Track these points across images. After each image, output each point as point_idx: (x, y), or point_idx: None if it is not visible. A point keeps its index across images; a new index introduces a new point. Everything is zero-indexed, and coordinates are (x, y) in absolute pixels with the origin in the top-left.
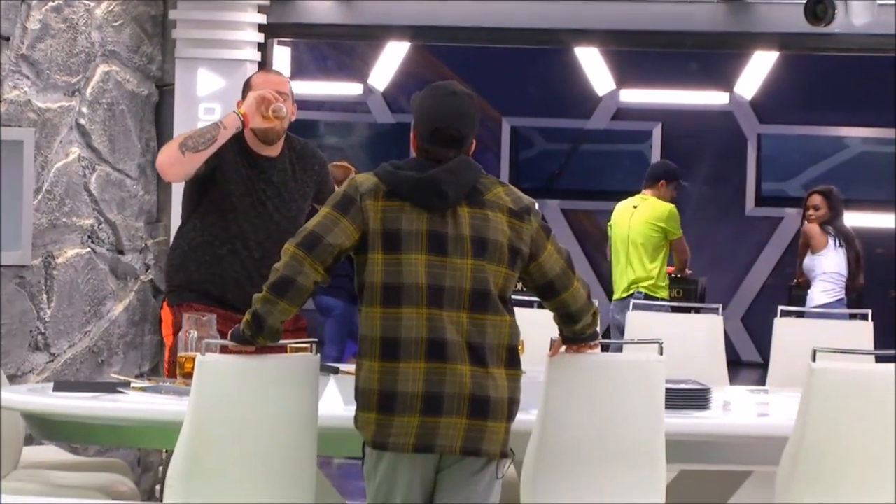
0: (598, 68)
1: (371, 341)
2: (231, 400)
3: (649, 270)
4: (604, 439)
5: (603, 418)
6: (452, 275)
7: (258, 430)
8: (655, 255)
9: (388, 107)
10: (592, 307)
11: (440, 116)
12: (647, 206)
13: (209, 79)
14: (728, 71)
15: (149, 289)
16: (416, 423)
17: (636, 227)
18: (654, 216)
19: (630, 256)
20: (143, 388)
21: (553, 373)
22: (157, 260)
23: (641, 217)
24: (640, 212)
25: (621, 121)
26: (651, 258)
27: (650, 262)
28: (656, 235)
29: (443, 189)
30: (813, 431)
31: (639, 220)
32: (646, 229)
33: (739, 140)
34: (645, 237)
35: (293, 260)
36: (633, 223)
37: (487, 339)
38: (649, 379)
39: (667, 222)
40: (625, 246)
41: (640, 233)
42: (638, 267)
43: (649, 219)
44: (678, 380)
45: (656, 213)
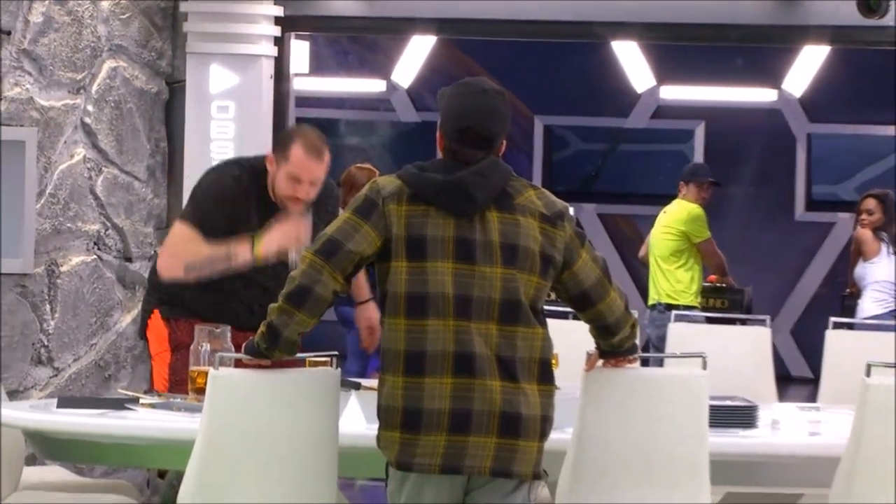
0: (637, 63)
1: (394, 355)
2: (246, 417)
3: (668, 277)
4: (643, 460)
5: (642, 437)
6: (481, 284)
7: (275, 450)
8: (675, 259)
9: (413, 104)
10: (631, 319)
11: (469, 115)
12: (673, 209)
13: (222, 75)
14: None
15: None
16: (443, 442)
17: (658, 235)
18: (673, 219)
19: (654, 268)
20: (152, 404)
21: (589, 388)
22: None
23: (664, 223)
24: (665, 217)
25: (662, 119)
26: (669, 262)
27: (668, 266)
28: (674, 240)
29: (471, 192)
30: (867, 451)
31: (661, 227)
32: (663, 234)
33: (788, 140)
34: (661, 243)
35: (311, 268)
36: (656, 230)
37: (518, 352)
38: (692, 395)
39: (687, 224)
40: (652, 254)
41: (660, 241)
42: (661, 277)
43: (668, 223)
44: (723, 396)
45: (676, 215)
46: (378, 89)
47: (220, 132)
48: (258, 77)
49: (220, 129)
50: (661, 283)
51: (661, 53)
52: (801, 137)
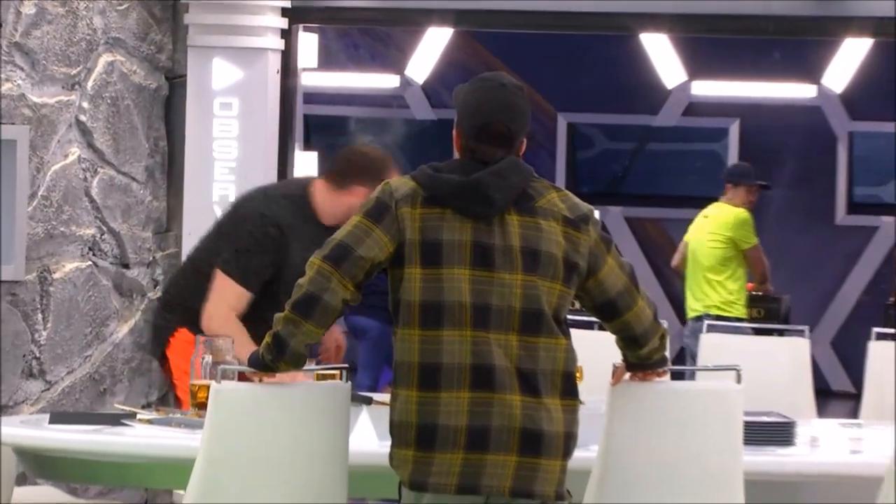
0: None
1: (408, 368)
2: (250, 433)
3: (717, 288)
4: (673, 479)
5: (672, 455)
6: (500, 292)
7: (281, 469)
8: (723, 269)
9: (429, 101)
10: (660, 329)
11: (487, 111)
12: (716, 213)
13: (226, 70)
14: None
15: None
16: (460, 460)
17: (702, 241)
18: (720, 225)
19: (697, 273)
20: (150, 420)
21: (616, 403)
22: (167, 275)
23: (708, 227)
24: (708, 222)
25: (694, 117)
26: (717, 272)
27: (716, 276)
28: (721, 247)
29: (489, 194)
30: None
31: (705, 232)
32: (709, 241)
33: (828, 139)
34: (708, 250)
35: (319, 275)
36: (700, 236)
37: (540, 364)
38: (726, 411)
39: (734, 230)
40: (694, 261)
41: (703, 245)
42: (705, 285)
43: (714, 228)
44: (759, 412)
45: (722, 220)
46: (391, 85)
47: (222, 130)
48: (264, 72)
49: (223, 128)
50: (710, 294)
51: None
52: (841, 136)
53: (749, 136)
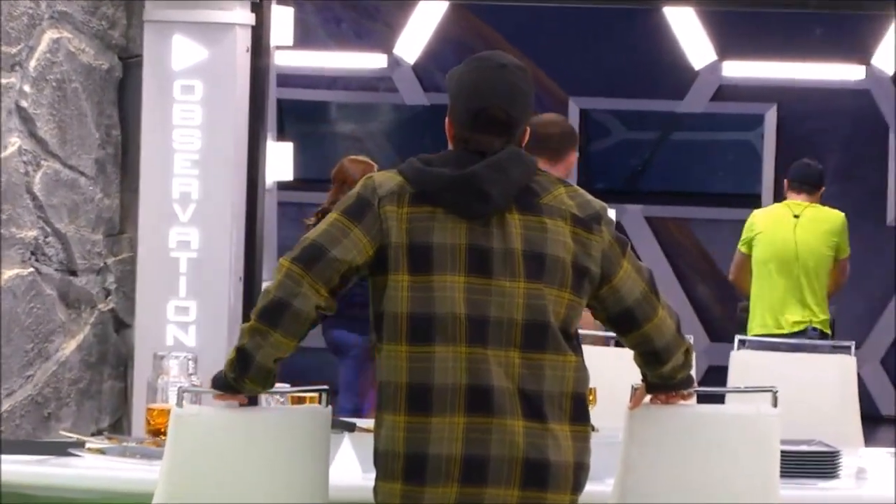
0: (694, 34)
1: (395, 389)
2: (216, 465)
3: (823, 304)
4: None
5: (699, 489)
6: (500, 302)
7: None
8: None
9: (421, 84)
10: (684, 343)
11: (483, 95)
12: (816, 215)
13: (188, 48)
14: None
15: (109, 321)
16: (454, 494)
17: (808, 244)
18: (829, 228)
19: (801, 282)
20: (101, 449)
21: (634, 430)
22: (120, 283)
23: (812, 230)
24: (807, 223)
25: (724, 102)
26: (823, 284)
27: (822, 289)
28: (831, 255)
29: (485, 189)
30: None
31: (810, 235)
32: (820, 247)
33: (878, 127)
34: (819, 257)
35: (288, 278)
36: (802, 238)
37: (546, 385)
38: (760, 438)
39: (841, 236)
40: (789, 268)
41: (813, 251)
42: (810, 296)
43: (824, 232)
44: (798, 440)
45: (829, 223)
46: (378, 65)
47: (184, 118)
48: (231, 51)
49: (185, 114)
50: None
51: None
52: (894, 124)
53: (788, 124)
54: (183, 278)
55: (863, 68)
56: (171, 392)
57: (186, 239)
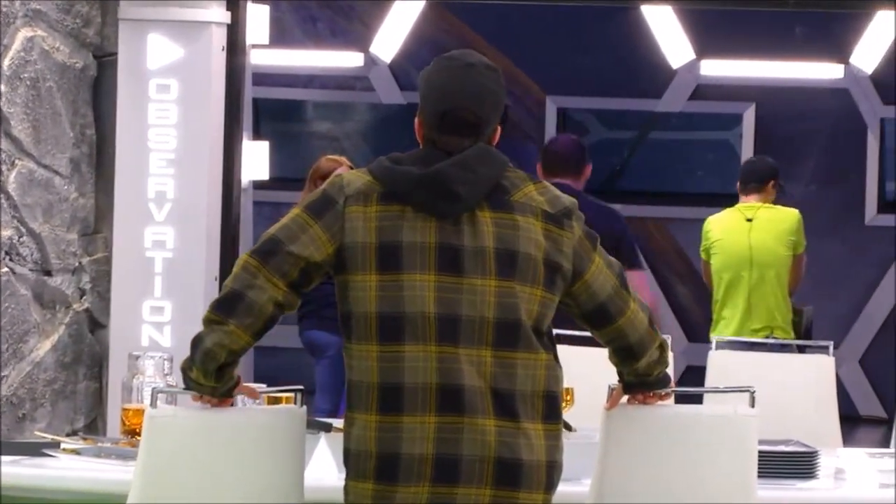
0: (672, 33)
1: (366, 389)
2: (191, 466)
3: (783, 306)
4: None
5: (677, 490)
6: (471, 300)
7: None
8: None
9: (397, 82)
10: (658, 337)
11: (450, 96)
12: (769, 215)
13: (163, 47)
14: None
15: (84, 321)
16: (426, 494)
17: (762, 246)
18: (784, 227)
19: (760, 287)
20: (76, 449)
21: (611, 430)
22: (95, 283)
23: (766, 231)
24: (761, 224)
25: (703, 101)
26: (784, 285)
27: (783, 289)
28: (789, 254)
29: (453, 188)
30: None
31: (764, 236)
32: (778, 247)
33: (857, 126)
34: (777, 258)
35: (244, 271)
36: (757, 241)
37: (518, 384)
38: (738, 438)
39: (797, 233)
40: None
41: (769, 252)
42: (771, 299)
43: (778, 232)
44: (776, 440)
45: (785, 222)
46: (354, 64)
47: (159, 117)
48: (207, 49)
49: (161, 113)
50: (782, 308)
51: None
52: (872, 123)
53: (766, 124)
54: (158, 278)
55: (841, 67)
56: (146, 392)
57: (162, 238)
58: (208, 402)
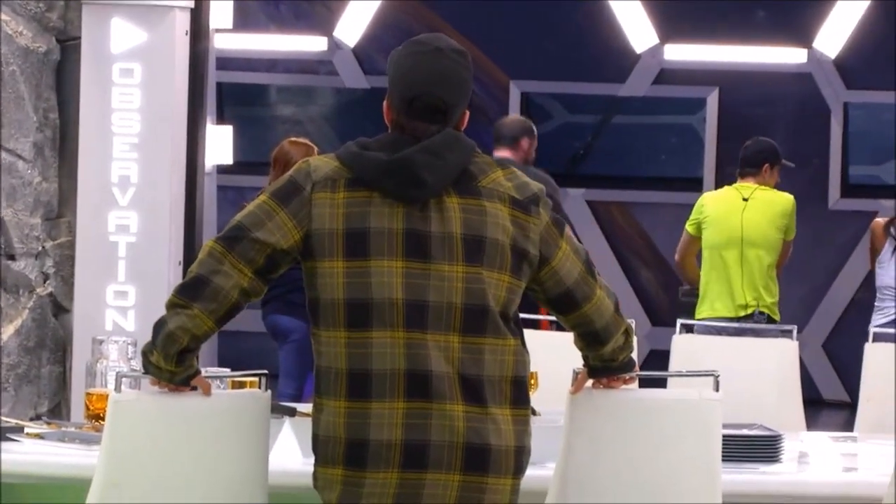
0: (636, 17)
1: (334, 375)
2: (154, 450)
3: (772, 286)
4: (642, 501)
5: (641, 474)
6: (438, 286)
7: (190, 491)
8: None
9: (361, 67)
10: (623, 323)
11: (418, 81)
12: (765, 197)
13: (126, 31)
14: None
15: (48, 305)
16: (395, 480)
17: (755, 227)
18: (778, 210)
19: (750, 266)
20: (40, 434)
21: (576, 414)
22: (59, 268)
23: (760, 212)
24: (756, 205)
25: (666, 85)
26: (772, 266)
27: (772, 271)
28: (780, 237)
29: (420, 175)
30: None
31: (758, 217)
32: (769, 229)
33: (820, 111)
34: (768, 240)
35: (210, 257)
36: (750, 221)
37: (486, 369)
38: (702, 423)
39: (790, 218)
40: (738, 252)
41: (760, 233)
42: (759, 279)
43: (772, 214)
44: (740, 424)
45: (779, 206)
46: (318, 48)
47: (123, 101)
48: (170, 34)
49: (124, 98)
50: (771, 288)
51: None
52: (835, 108)
53: (729, 108)
54: (122, 262)
55: (805, 52)
56: (109, 377)
57: (125, 223)
58: (165, 388)
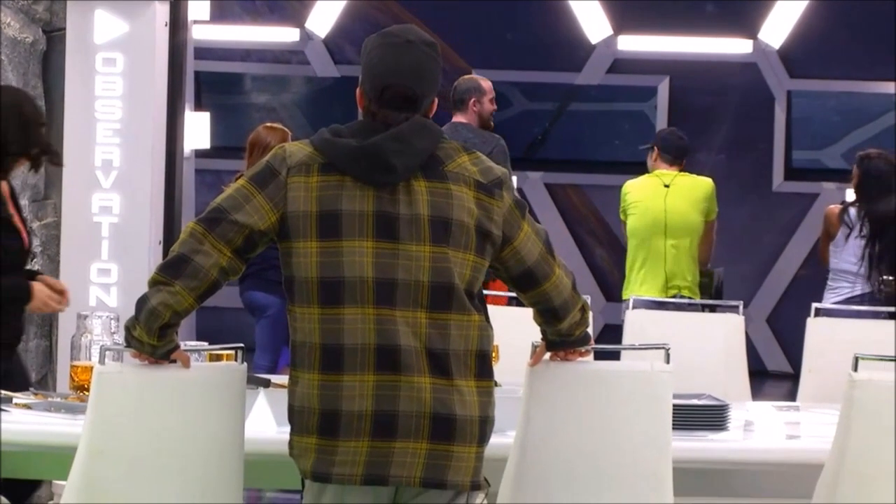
0: (591, 10)
1: (309, 349)
2: (136, 420)
3: (692, 268)
4: (597, 467)
5: (596, 441)
6: (407, 265)
7: (170, 458)
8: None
9: (332, 57)
10: (580, 300)
11: (390, 72)
12: (685, 182)
13: (109, 22)
14: (751, 13)
15: None
16: (366, 448)
17: (677, 210)
18: (698, 195)
19: (672, 249)
20: (27, 404)
21: (534, 385)
22: (45, 247)
23: (682, 196)
24: (677, 190)
25: (619, 74)
26: (694, 248)
27: (693, 256)
28: (701, 219)
29: (389, 160)
30: (854, 457)
31: (680, 202)
32: (691, 212)
33: (765, 98)
34: (690, 223)
35: (191, 237)
36: (671, 205)
37: (452, 343)
38: (653, 393)
39: (710, 201)
40: (661, 234)
41: (683, 217)
42: (683, 263)
43: (693, 199)
44: (689, 394)
45: (699, 190)
46: (290, 39)
47: (106, 88)
48: (151, 25)
49: (107, 86)
50: (692, 270)
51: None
52: (779, 95)
53: (679, 96)
54: (105, 242)
55: (750, 42)
56: (94, 350)
57: (108, 205)
58: (147, 361)
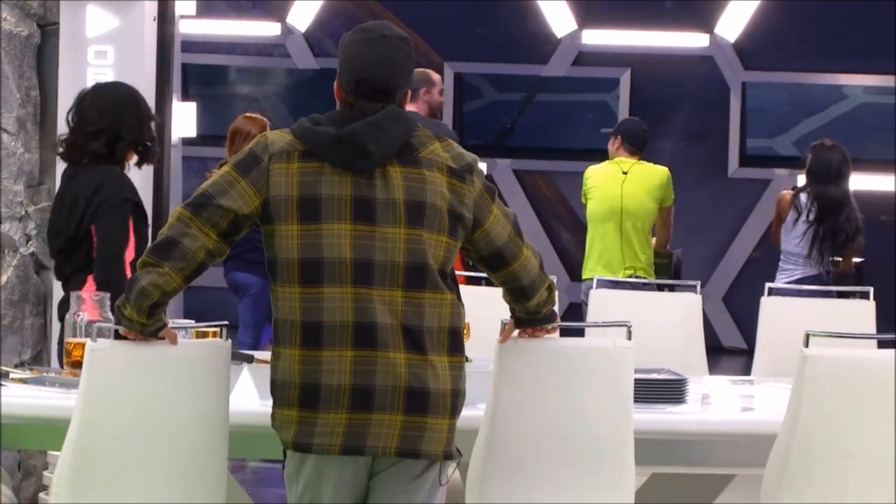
0: (556, 5)
1: (290, 326)
2: (127, 393)
3: (647, 250)
4: (563, 438)
5: (562, 413)
6: (383, 247)
7: (159, 429)
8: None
9: (311, 50)
10: (547, 280)
11: (366, 65)
12: (643, 170)
13: (100, 17)
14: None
15: (30, 263)
16: (344, 420)
17: (633, 196)
18: (654, 183)
19: (628, 233)
20: (23, 379)
21: (504, 361)
22: (40, 230)
23: (638, 184)
24: (634, 177)
25: (583, 67)
26: (647, 232)
27: (647, 238)
28: (655, 206)
29: (366, 147)
30: (805, 428)
31: (636, 188)
32: (646, 199)
33: (721, 89)
34: (645, 209)
35: (179, 221)
36: (628, 191)
37: (426, 321)
38: (616, 368)
39: (666, 189)
40: (616, 219)
41: (638, 203)
42: (637, 245)
43: (649, 186)
44: (649, 369)
45: (655, 178)
46: (272, 33)
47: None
48: (140, 19)
49: (98, 77)
50: (646, 251)
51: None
52: (735, 87)
53: (640, 87)
54: None
55: (707, 37)
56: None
57: None
58: (136, 338)
